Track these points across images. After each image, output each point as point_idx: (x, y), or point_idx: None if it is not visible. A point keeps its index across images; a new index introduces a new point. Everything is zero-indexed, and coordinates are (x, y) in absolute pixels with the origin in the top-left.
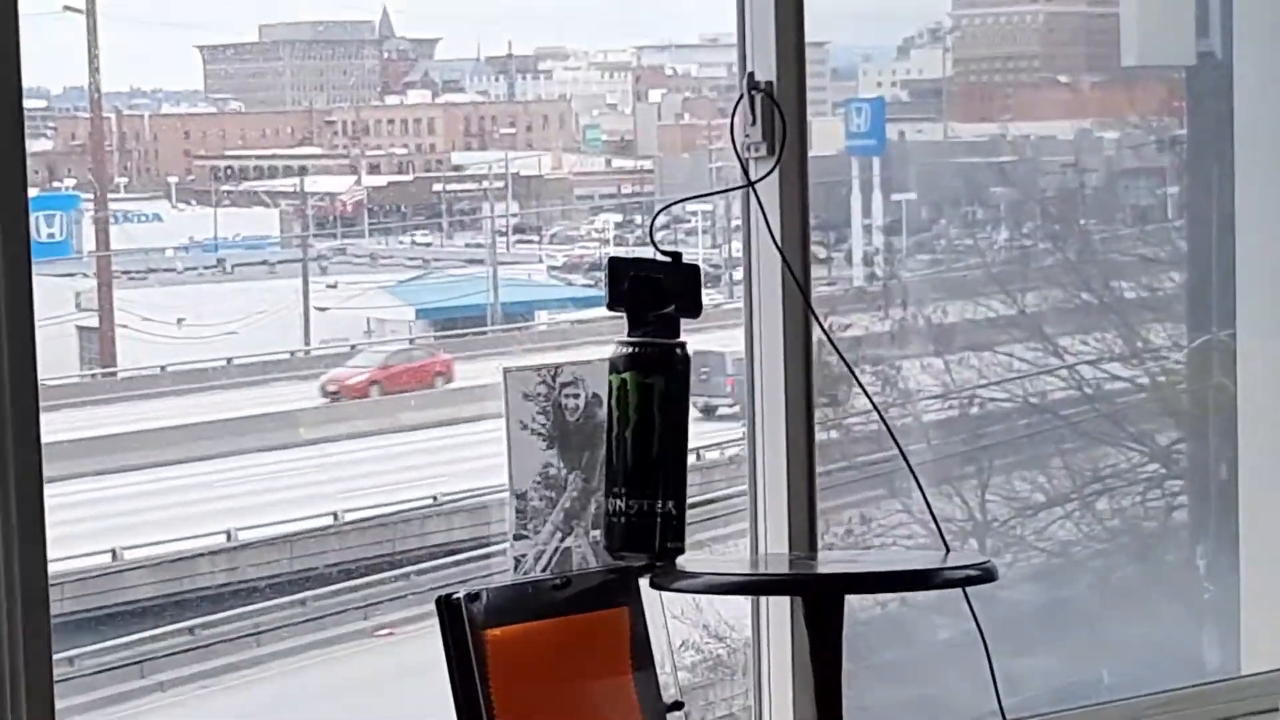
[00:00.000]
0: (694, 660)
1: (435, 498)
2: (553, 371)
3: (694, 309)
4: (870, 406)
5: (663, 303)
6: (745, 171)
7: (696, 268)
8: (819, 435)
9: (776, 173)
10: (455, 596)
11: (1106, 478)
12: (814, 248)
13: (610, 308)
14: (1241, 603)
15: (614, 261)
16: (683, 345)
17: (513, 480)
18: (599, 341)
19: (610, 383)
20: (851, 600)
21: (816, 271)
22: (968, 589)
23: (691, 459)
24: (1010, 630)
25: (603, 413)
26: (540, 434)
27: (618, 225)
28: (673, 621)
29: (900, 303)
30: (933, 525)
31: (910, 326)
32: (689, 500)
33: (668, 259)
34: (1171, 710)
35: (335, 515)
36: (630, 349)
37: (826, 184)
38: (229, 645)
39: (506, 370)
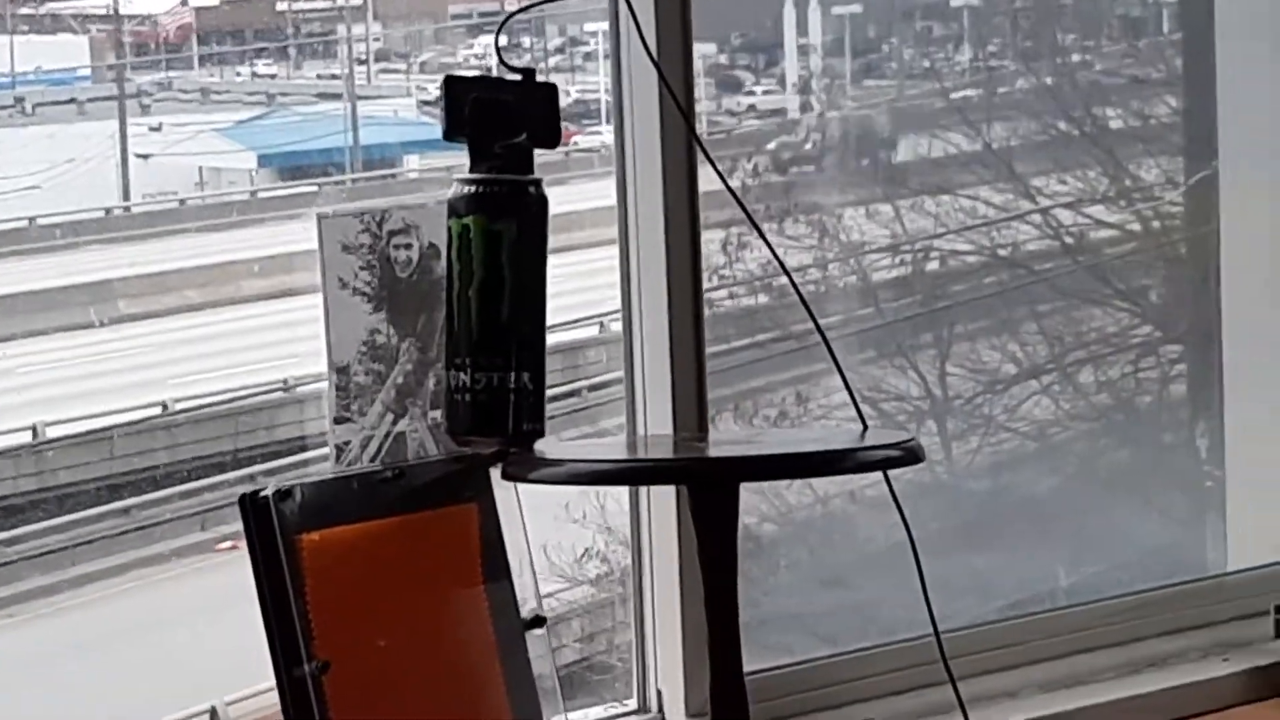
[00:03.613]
0: (599, 572)
1: (286, 382)
2: (378, 217)
3: (551, 138)
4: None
5: (512, 130)
6: None
7: (553, 87)
8: (746, 300)
9: None
10: (262, 493)
11: (1091, 344)
12: (740, 73)
13: (447, 138)
14: (1227, 486)
15: (451, 81)
16: (537, 183)
17: (331, 351)
18: None
19: (450, 230)
20: (788, 496)
21: (743, 101)
22: (891, 472)
23: (594, 331)
24: (979, 529)
25: (441, 267)
26: (364, 294)
27: (504, 49)
28: (572, 525)
29: (841, 138)
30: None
31: (854, 165)
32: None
33: (517, 77)
34: (1142, 615)
35: (164, 405)
36: (473, 188)
37: None
38: (36, 564)
39: (321, 216)
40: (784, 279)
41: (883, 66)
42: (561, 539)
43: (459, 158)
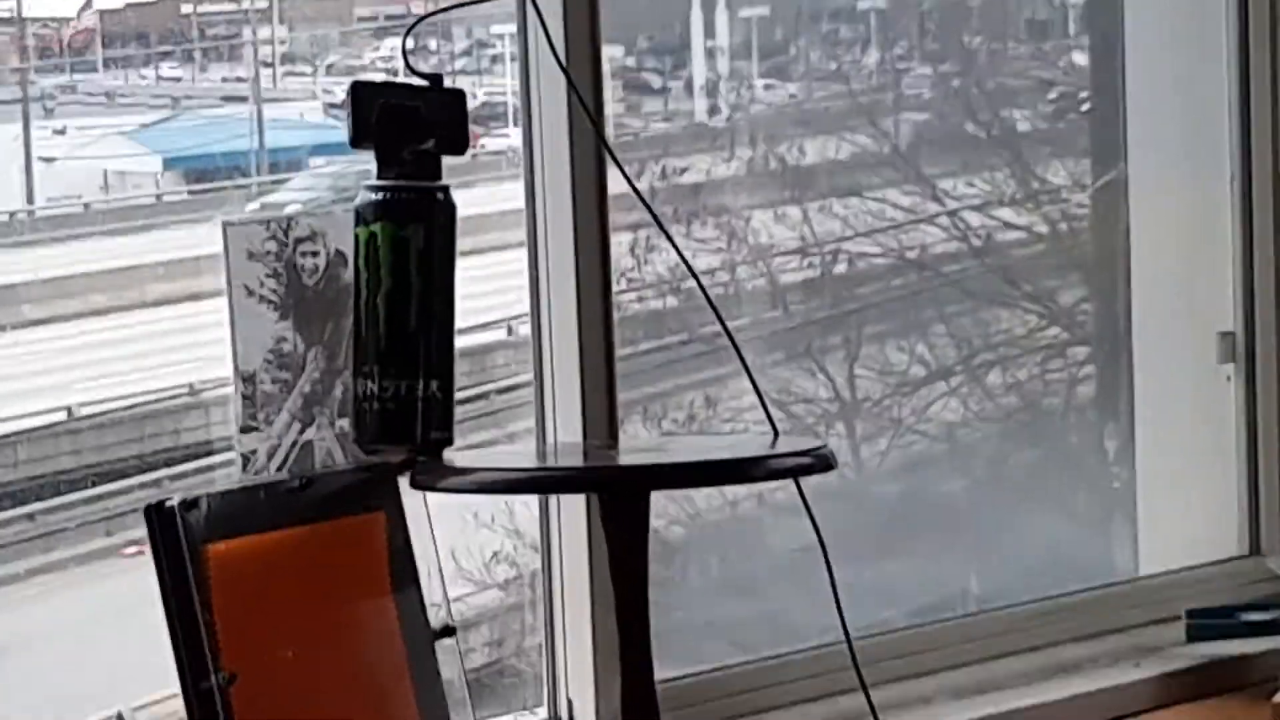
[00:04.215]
0: (508, 576)
1: (192, 386)
2: (284, 224)
3: (459, 144)
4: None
5: (420, 137)
6: None
7: (461, 93)
8: (654, 304)
9: None
10: (168, 503)
11: (999, 345)
12: (647, 75)
13: (354, 145)
14: (1138, 488)
15: (357, 88)
16: (445, 189)
17: (238, 359)
18: None
19: (357, 237)
20: (698, 500)
21: (650, 104)
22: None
23: (502, 334)
24: (887, 532)
25: (349, 274)
26: (271, 302)
27: (411, 53)
28: (482, 530)
29: (749, 140)
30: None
31: (761, 168)
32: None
33: (425, 83)
34: (1051, 621)
35: (69, 410)
36: (380, 194)
37: None
38: None
39: (226, 224)
40: (693, 282)
41: (790, 69)
42: (469, 543)
43: (365, 160)
